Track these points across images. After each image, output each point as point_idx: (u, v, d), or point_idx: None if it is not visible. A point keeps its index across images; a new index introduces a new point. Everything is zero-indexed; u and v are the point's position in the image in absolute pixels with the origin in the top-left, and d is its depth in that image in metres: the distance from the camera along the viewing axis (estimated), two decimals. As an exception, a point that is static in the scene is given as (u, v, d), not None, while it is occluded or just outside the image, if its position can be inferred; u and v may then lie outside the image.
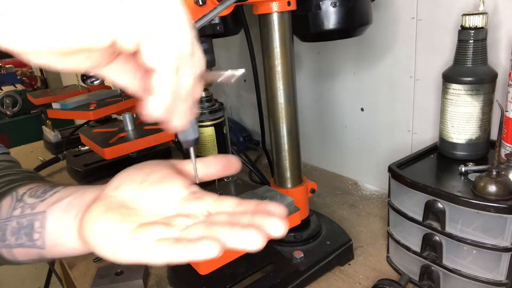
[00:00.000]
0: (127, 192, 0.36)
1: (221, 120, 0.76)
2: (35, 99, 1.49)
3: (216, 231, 0.31)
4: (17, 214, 0.41)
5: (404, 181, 0.62)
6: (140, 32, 0.26)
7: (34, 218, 0.40)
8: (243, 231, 0.30)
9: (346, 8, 0.65)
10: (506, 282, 0.56)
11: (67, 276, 1.34)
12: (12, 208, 0.42)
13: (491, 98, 0.63)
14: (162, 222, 0.33)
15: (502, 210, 0.52)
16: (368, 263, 0.74)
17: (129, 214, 0.34)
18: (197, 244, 0.29)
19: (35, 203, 0.41)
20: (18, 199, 0.42)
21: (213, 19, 0.50)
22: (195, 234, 0.32)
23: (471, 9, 0.68)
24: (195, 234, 0.32)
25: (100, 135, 1.06)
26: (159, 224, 0.33)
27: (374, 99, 0.94)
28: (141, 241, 0.32)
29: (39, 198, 0.41)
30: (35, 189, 0.43)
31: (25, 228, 0.40)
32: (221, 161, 0.41)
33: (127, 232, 0.32)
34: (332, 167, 1.14)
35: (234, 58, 1.35)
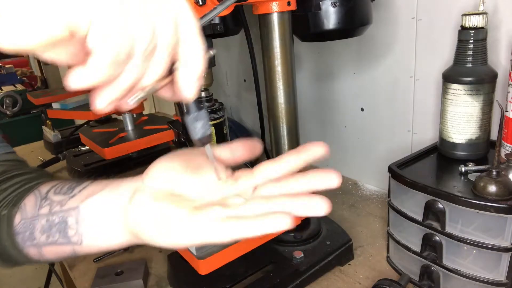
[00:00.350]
0: (169, 181, 0.36)
1: (221, 120, 0.76)
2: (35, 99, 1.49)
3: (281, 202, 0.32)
4: (45, 212, 0.41)
5: (404, 181, 0.62)
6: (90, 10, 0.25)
7: (66, 214, 0.39)
8: (311, 199, 0.31)
9: (346, 8, 0.65)
10: (506, 282, 0.55)
11: (67, 276, 1.34)
12: (38, 206, 0.41)
13: (491, 98, 0.63)
14: (217, 203, 0.34)
15: (502, 210, 0.52)
16: (368, 263, 0.74)
17: (180, 200, 0.34)
18: (269, 218, 0.30)
19: (63, 200, 0.40)
20: (43, 197, 0.42)
21: (213, 19, 0.50)
22: (257, 209, 0.32)
23: (471, 9, 0.68)
24: (257, 208, 0.32)
25: (100, 135, 1.06)
26: (215, 205, 0.33)
27: (374, 99, 0.94)
28: (203, 221, 0.32)
29: (66, 195, 0.41)
30: (59, 186, 0.42)
31: (58, 225, 0.39)
32: (246, 145, 0.41)
33: (185, 215, 0.32)
34: (332, 167, 1.13)
35: (234, 58, 1.35)
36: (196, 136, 0.34)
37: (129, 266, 0.76)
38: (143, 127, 1.07)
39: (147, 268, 0.78)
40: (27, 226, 0.41)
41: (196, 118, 0.34)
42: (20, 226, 0.41)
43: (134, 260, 0.81)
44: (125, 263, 0.78)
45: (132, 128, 1.07)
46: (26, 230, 0.41)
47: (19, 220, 0.42)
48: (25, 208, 0.42)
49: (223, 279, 0.67)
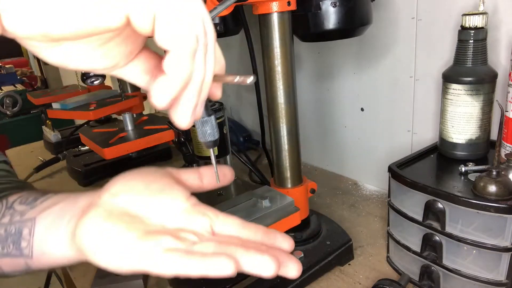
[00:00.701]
0: (127, 200, 0.35)
1: (221, 120, 0.76)
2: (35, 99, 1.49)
3: (231, 251, 0.30)
4: (6, 222, 0.39)
5: (404, 181, 0.62)
6: (154, 4, 0.23)
7: (23, 225, 0.38)
8: (260, 256, 0.29)
9: (346, 8, 0.65)
10: (506, 282, 0.55)
11: (67, 276, 1.34)
12: (1, 215, 0.40)
13: (491, 98, 0.63)
14: (169, 232, 0.32)
15: (502, 210, 0.52)
16: (368, 263, 0.74)
17: (133, 222, 0.33)
18: (213, 259, 0.28)
19: (25, 210, 0.39)
20: (8, 207, 0.41)
21: (213, 19, 0.50)
22: (207, 250, 0.30)
23: (471, 9, 0.68)
24: (207, 250, 0.30)
25: (100, 135, 1.06)
26: (167, 234, 0.31)
27: (374, 99, 0.94)
28: (149, 249, 0.30)
29: (29, 205, 0.39)
30: (26, 196, 0.41)
31: (13, 235, 0.38)
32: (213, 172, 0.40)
33: (134, 239, 0.31)
34: (332, 167, 1.14)
35: (234, 58, 1.35)
36: (204, 139, 0.35)
37: (129, 266, 0.76)
38: (143, 127, 1.07)
39: (147, 268, 0.77)
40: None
41: (206, 122, 0.35)
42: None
43: (134, 260, 0.81)
44: (125, 263, 0.78)
45: (132, 128, 1.07)
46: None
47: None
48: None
49: (223, 279, 0.66)
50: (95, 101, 1.25)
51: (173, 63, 0.25)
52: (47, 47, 0.25)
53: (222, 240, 0.32)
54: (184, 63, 0.25)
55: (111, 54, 0.27)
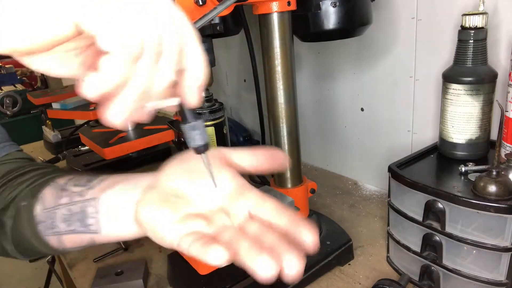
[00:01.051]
0: (178, 181, 0.37)
1: (221, 120, 0.76)
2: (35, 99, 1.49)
3: (240, 243, 0.31)
4: (66, 202, 0.42)
5: (404, 181, 0.62)
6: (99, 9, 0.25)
7: (86, 204, 0.41)
8: (258, 256, 0.29)
9: (346, 8, 0.65)
10: (506, 282, 0.55)
11: (67, 276, 1.34)
12: (57, 196, 0.43)
13: (491, 98, 0.63)
14: (205, 216, 0.35)
15: (502, 210, 0.52)
16: (368, 263, 0.74)
17: (179, 203, 0.35)
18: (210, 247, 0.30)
19: (82, 191, 0.42)
20: (62, 188, 0.43)
21: (213, 19, 0.50)
22: (223, 237, 0.33)
23: (471, 9, 0.68)
24: (223, 237, 0.33)
25: (100, 135, 1.06)
26: (201, 219, 0.34)
27: (374, 99, 0.94)
28: (180, 231, 0.33)
29: (85, 186, 0.42)
30: (77, 179, 0.44)
31: (78, 214, 0.41)
32: (272, 155, 0.41)
33: (174, 221, 0.34)
34: (332, 167, 1.14)
35: (234, 58, 1.35)
36: (193, 144, 0.34)
37: (129, 266, 0.76)
38: (143, 127, 1.07)
39: (147, 268, 0.78)
40: (49, 215, 0.42)
41: (193, 127, 0.34)
42: (41, 216, 0.43)
43: (134, 260, 0.81)
44: (125, 263, 0.78)
45: (132, 128, 1.07)
46: (47, 219, 0.42)
47: (40, 210, 0.43)
48: (44, 198, 0.43)
49: (223, 279, 0.66)
50: (95, 101, 1.25)
51: (107, 63, 0.26)
52: (26, 58, 0.28)
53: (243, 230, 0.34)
54: (119, 67, 0.26)
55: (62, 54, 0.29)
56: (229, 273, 0.67)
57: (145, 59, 0.27)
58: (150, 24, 0.27)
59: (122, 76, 0.27)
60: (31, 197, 0.44)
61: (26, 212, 0.44)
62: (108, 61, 0.26)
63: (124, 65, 0.26)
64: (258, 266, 0.29)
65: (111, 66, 0.26)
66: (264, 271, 0.29)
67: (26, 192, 0.45)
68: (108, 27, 0.25)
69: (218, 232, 0.33)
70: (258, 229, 0.33)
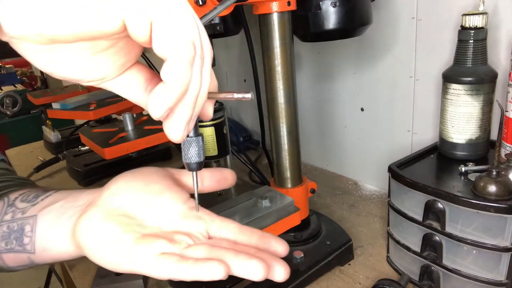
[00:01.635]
0: (126, 200, 0.35)
1: (221, 120, 0.76)
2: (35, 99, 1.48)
3: (222, 255, 0.30)
4: (8, 219, 0.40)
5: (404, 181, 0.62)
6: (152, 9, 0.23)
7: (25, 222, 0.39)
8: (249, 260, 0.29)
9: (346, 8, 0.65)
10: (506, 282, 0.55)
11: (67, 276, 1.34)
12: (3, 213, 0.41)
13: (491, 98, 0.63)
14: (165, 236, 0.33)
15: (502, 210, 0.52)
16: (368, 263, 0.74)
17: (130, 224, 0.33)
18: (204, 264, 0.29)
19: (26, 208, 0.40)
20: (10, 204, 0.42)
21: (213, 19, 0.50)
22: (199, 254, 0.31)
23: (471, 9, 0.68)
24: (199, 254, 0.31)
25: (100, 135, 1.06)
26: (162, 238, 0.32)
27: (374, 99, 0.94)
28: (145, 253, 0.31)
29: (30, 203, 0.40)
30: (27, 194, 0.42)
31: (16, 232, 0.39)
32: (216, 175, 0.40)
33: (131, 242, 0.32)
34: (332, 167, 1.14)
35: (234, 58, 1.35)
36: (188, 160, 0.33)
37: (129, 266, 0.76)
38: (143, 127, 1.07)
39: (147, 268, 0.77)
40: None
41: (191, 142, 0.33)
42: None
43: (134, 260, 0.81)
44: (125, 263, 0.78)
45: (132, 128, 1.07)
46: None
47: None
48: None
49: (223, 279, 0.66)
50: (95, 101, 1.25)
51: (172, 70, 0.24)
52: (38, 51, 0.25)
53: (214, 244, 0.33)
54: (183, 70, 0.24)
55: (102, 66, 0.27)
56: (229, 273, 0.67)
57: (196, 62, 0.26)
58: (194, 25, 0.25)
59: (187, 82, 0.25)
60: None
61: None
62: (172, 68, 0.24)
63: (187, 69, 0.24)
64: (251, 270, 0.29)
65: (175, 72, 0.24)
66: (258, 274, 0.29)
67: None
68: (164, 29, 0.23)
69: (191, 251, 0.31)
70: (229, 244, 0.33)
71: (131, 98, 0.31)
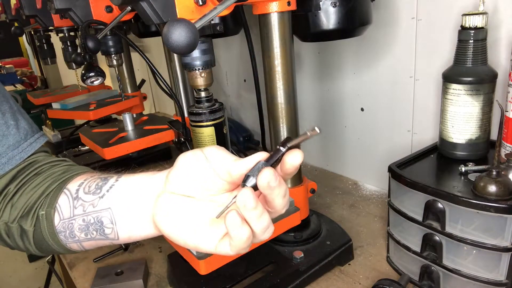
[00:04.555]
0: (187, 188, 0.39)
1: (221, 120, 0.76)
2: (35, 99, 1.49)
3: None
4: (80, 213, 0.44)
5: (404, 181, 0.62)
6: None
7: (100, 215, 0.43)
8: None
9: (346, 8, 0.65)
10: (506, 282, 0.55)
11: (67, 276, 1.34)
12: (72, 207, 0.45)
13: (491, 98, 0.63)
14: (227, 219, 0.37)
15: (502, 210, 0.52)
16: (368, 263, 0.74)
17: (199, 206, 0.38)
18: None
19: (94, 200, 0.44)
20: (74, 197, 0.45)
21: (213, 19, 0.50)
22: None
23: (471, 9, 0.68)
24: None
25: (100, 135, 1.06)
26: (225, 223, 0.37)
27: (374, 99, 0.94)
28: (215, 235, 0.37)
29: (96, 195, 0.44)
30: (87, 185, 0.46)
31: (94, 224, 0.44)
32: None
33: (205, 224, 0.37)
34: (332, 167, 1.14)
35: (234, 58, 1.35)
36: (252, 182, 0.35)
37: (129, 266, 0.76)
38: (143, 127, 1.07)
39: (147, 268, 0.78)
40: (66, 226, 0.45)
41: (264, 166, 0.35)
42: (60, 226, 0.45)
43: (134, 260, 0.81)
44: (125, 263, 0.78)
45: (132, 128, 1.07)
46: (66, 229, 0.45)
47: (58, 221, 0.45)
48: (60, 209, 0.46)
49: (223, 279, 0.66)
50: (95, 101, 1.25)
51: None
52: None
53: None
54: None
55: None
56: (229, 273, 0.68)
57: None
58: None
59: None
60: (48, 206, 0.46)
61: (45, 221, 0.46)
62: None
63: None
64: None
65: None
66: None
67: (43, 201, 0.47)
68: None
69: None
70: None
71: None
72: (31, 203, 0.47)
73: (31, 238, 0.47)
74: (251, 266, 0.69)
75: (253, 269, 0.69)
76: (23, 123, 0.52)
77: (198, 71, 0.61)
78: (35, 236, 0.47)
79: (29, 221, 0.47)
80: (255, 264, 0.70)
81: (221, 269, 0.60)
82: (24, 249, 0.49)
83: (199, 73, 0.62)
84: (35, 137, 0.53)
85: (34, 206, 0.47)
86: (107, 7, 0.75)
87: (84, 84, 1.23)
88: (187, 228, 0.38)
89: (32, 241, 0.47)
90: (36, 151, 0.53)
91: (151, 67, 0.82)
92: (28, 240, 0.47)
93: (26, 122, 0.53)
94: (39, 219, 0.46)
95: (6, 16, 1.27)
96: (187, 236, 0.38)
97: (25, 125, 0.53)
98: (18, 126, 0.51)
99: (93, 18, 0.76)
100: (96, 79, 0.84)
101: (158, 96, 1.96)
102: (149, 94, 1.93)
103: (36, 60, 2.63)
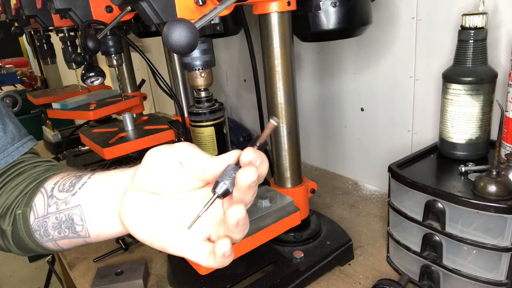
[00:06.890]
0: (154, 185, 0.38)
1: (221, 120, 0.76)
2: (35, 99, 1.49)
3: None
4: (53, 211, 0.44)
5: (404, 181, 0.62)
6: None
7: (71, 212, 0.43)
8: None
9: (346, 8, 0.65)
10: (506, 282, 0.55)
11: (67, 276, 1.34)
12: (46, 205, 0.45)
13: (491, 98, 0.63)
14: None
15: (502, 210, 0.52)
16: (368, 263, 0.74)
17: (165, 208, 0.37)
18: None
19: (67, 198, 0.43)
20: (49, 195, 0.45)
21: (213, 19, 0.50)
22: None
23: (471, 9, 0.68)
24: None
25: (100, 135, 1.06)
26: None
27: (374, 99, 0.94)
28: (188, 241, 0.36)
29: (69, 192, 0.44)
30: (62, 182, 0.45)
31: (65, 222, 0.43)
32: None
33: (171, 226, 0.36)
34: (332, 167, 1.14)
35: (234, 58, 1.35)
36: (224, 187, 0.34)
37: (129, 266, 0.76)
38: (143, 127, 1.07)
39: (147, 268, 0.78)
40: (41, 224, 0.45)
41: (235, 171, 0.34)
42: (35, 225, 0.45)
43: (134, 260, 0.81)
44: (125, 263, 0.78)
45: (132, 128, 1.07)
46: (40, 228, 0.45)
47: (33, 219, 0.45)
48: (35, 208, 0.45)
49: (223, 279, 0.66)
50: (95, 101, 1.25)
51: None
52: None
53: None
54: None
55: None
56: (229, 273, 0.68)
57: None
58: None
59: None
60: (25, 205, 0.46)
61: (21, 220, 0.46)
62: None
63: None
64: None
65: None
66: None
67: (20, 200, 0.47)
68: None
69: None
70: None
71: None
72: (9, 203, 0.47)
73: (10, 238, 0.47)
74: (251, 266, 0.69)
75: (253, 269, 0.69)
76: (11, 127, 0.52)
77: (198, 71, 0.61)
78: (13, 236, 0.47)
79: (6, 220, 0.47)
80: (255, 264, 0.70)
81: (221, 269, 0.60)
82: (6, 249, 0.49)
83: (199, 73, 0.62)
84: (22, 141, 0.53)
85: (12, 205, 0.47)
86: (107, 7, 0.75)
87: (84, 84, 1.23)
88: (153, 227, 0.36)
89: (11, 241, 0.47)
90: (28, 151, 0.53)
91: (151, 67, 0.82)
92: (7, 239, 0.47)
93: (14, 126, 0.53)
94: (16, 218, 0.46)
95: (6, 16, 1.27)
96: (153, 235, 0.36)
97: (13, 129, 0.52)
98: (6, 130, 0.51)
99: (93, 18, 0.76)
100: (96, 79, 0.84)
101: (158, 96, 1.96)
102: (149, 94, 1.93)
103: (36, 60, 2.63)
